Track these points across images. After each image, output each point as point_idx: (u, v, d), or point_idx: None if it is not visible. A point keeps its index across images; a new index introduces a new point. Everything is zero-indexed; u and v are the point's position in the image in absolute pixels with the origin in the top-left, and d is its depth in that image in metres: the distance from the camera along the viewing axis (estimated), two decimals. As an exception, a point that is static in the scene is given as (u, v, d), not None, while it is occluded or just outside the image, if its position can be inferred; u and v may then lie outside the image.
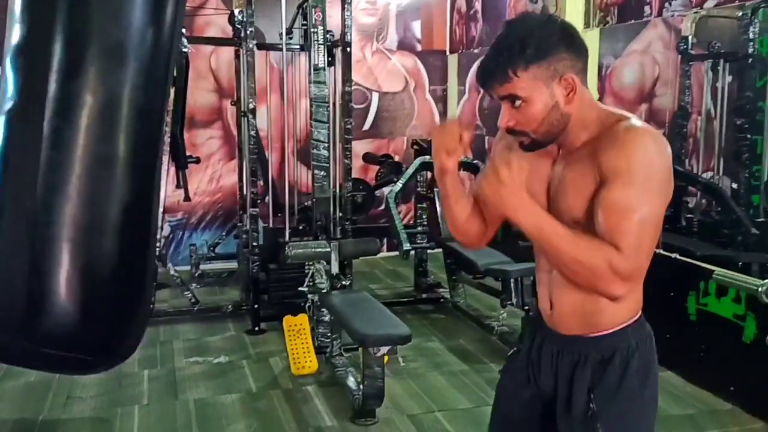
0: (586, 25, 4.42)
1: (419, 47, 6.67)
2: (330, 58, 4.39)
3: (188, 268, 5.75)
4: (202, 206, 6.13)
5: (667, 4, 3.70)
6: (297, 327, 3.91)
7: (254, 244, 4.53)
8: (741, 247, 4.64)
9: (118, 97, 1.34)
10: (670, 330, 3.91)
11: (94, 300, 1.38)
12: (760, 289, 2.45)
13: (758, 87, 5.56)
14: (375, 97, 6.54)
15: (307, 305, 4.10)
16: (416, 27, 6.65)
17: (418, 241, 5.10)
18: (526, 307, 3.89)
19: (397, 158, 6.04)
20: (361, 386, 3.20)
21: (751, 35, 5.47)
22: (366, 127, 6.53)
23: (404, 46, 6.60)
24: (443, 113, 6.82)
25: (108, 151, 1.34)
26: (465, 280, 4.86)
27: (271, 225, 4.92)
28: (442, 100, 6.80)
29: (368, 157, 5.78)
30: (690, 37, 5.94)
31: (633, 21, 4.19)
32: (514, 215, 1.40)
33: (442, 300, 5.06)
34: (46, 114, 1.33)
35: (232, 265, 5.69)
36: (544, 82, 1.40)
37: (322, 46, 3.96)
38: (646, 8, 3.85)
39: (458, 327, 4.66)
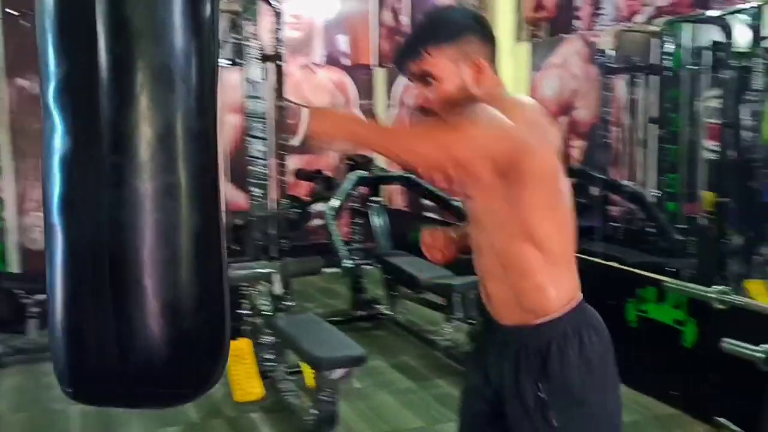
0: (517, 39, 4.48)
1: (347, 61, 6.63)
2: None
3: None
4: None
5: (596, 19, 3.79)
6: (239, 352, 3.75)
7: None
8: (666, 254, 4.81)
9: (173, 123, 1.26)
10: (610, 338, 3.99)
11: (181, 333, 1.31)
12: (712, 296, 2.50)
13: (672, 99, 5.79)
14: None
15: (246, 329, 3.95)
16: (343, 41, 6.61)
17: (354, 257, 5.01)
18: (472, 321, 3.88)
19: (328, 173, 5.95)
20: (314, 411, 3.09)
21: (667, 49, 5.71)
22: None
23: (331, 60, 6.55)
24: (371, 128, 6.80)
25: (172, 181, 1.27)
26: (404, 295, 4.82)
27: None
28: (370, 115, 6.77)
29: (300, 174, 5.67)
30: (609, 51, 6.16)
31: (563, 35, 4.28)
32: (322, 132, 1.49)
33: (381, 317, 4.99)
34: (104, 151, 1.23)
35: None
36: (453, 62, 1.51)
37: (258, 60, 3.85)
38: (576, 23, 3.93)
39: (400, 344, 4.60)
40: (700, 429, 3.35)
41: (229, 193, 5.27)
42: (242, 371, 3.71)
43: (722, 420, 3.18)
